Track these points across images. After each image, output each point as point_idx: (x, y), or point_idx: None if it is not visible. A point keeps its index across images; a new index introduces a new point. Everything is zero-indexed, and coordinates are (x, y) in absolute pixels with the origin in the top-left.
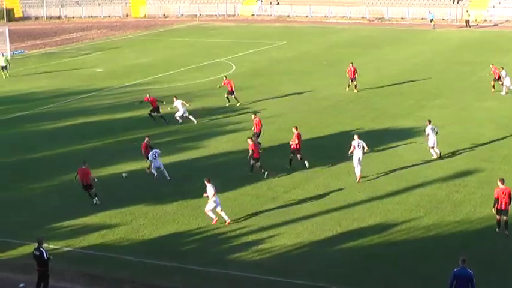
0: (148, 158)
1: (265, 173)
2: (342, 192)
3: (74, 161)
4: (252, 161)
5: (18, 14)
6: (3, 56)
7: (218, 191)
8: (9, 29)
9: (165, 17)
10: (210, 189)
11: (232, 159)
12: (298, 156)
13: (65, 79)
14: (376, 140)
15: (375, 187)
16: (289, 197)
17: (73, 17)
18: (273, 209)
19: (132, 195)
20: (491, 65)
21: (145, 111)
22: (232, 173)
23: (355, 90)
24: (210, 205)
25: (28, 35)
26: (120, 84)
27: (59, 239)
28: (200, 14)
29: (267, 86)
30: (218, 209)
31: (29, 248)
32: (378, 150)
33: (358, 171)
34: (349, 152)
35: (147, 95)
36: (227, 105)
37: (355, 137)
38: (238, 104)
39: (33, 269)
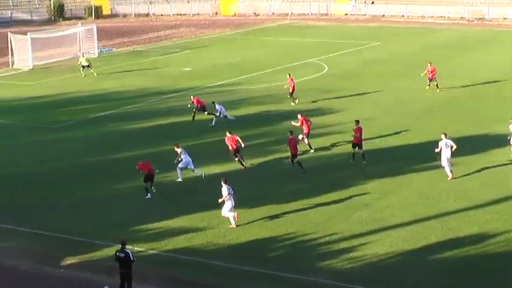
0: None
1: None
2: (437, 200)
3: (159, 161)
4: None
5: (106, 11)
6: (83, 56)
7: (307, 195)
8: (97, 27)
9: (256, 16)
10: (224, 190)
11: (323, 163)
12: (359, 150)
13: (152, 78)
14: (473, 145)
15: (472, 196)
16: (382, 204)
17: (161, 15)
18: (365, 215)
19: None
20: None
21: (235, 113)
22: (323, 176)
23: (437, 90)
24: (226, 207)
25: (116, 32)
26: (207, 84)
27: (144, 241)
28: (292, 13)
29: (359, 89)
30: (230, 211)
31: (112, 250)
32: (475, 157)
33: (448, 170)
34: (436, 152)
35: (191, 97)
36: (292, 103)
37: (443, 136)
38: (292, 103)
39: (116, 271)
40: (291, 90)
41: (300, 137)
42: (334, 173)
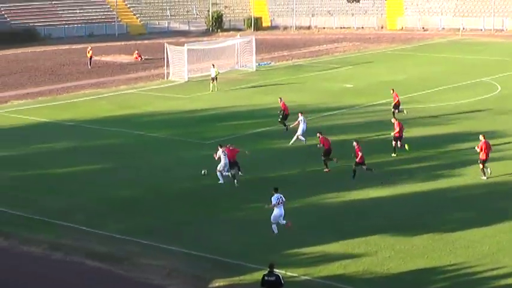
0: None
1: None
2: None
3: (319, 183)
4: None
5: (266, 23)
6: (214, 67)
7: (473, 224)
8: (256, 39)
9: (424, 30)
10: (274, 199)
11: (493, 191)
12: (399, 143)
13: (311, 94)
14: None
15: None
16: None
17: (324, 28)
18: None
19: (376, 224)
20: None
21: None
22: (492, 204)
23: None
24: (273, 215)
25: (275, 45)
26: (369, 103)
27: (297, 265)
28: (463, 28)
29: None
30: (275, 222)
31: (260, 273)
32: None
33: None
34: None
35: (279, 99)
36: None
37: None
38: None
39: None
40: (395, 103)
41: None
42: (504, 202)
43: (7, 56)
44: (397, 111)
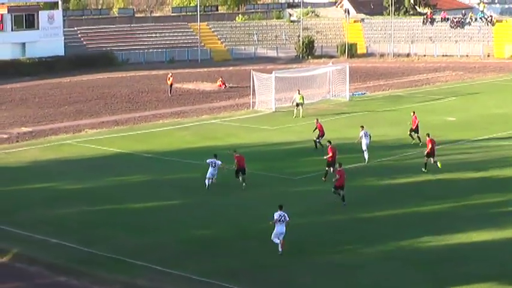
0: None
1: None
2: None
3: (416, 223)
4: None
5: (361, 49)
6: (299, 93)
7: None
8: (350, 67)
9: None
10: (275, 215)
11: None
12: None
13: (409, 127)
14: None
15: None
16: None
17: (424, 55)
18: None
19: (480, 272)
20: None
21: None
22: None
23: None
24: (274, 232)
25: (371, 74)
26: (474, 137)
27: None
28: None
29: None
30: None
31: None
32: None
33: None
34: None
35: (316, 120)
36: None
37: None
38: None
39: None
40: (413, 127)
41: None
42: None
43: (82, 81)
44: (416, 135)
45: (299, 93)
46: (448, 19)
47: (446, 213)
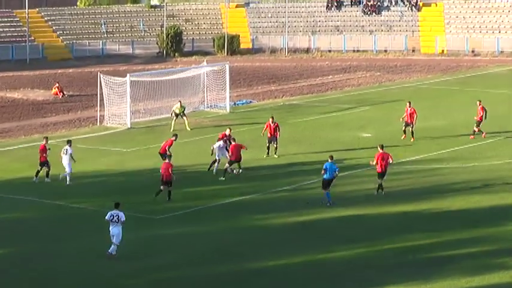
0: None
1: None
2: None
3: (317, 277)
4: None
5: (245, 44)
6: (180, 104)
7: None
8: (230, 67)
9: (474, 55)
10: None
11: None
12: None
13: (309, 146)
14: None
15: None
16: None
17: (329, 51)
18: None
19: None
20: None
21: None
22: None
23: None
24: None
25: (259, 76)
26: (397, 160)
27: None
28: None
29: None
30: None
31: None
32: None
33: None
34: None
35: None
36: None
37: None
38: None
39: None
40: (478, 119)
41: None
42: None
43: None
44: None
45: (180, 104)
46: (360, 2)
47: (358, 261)
